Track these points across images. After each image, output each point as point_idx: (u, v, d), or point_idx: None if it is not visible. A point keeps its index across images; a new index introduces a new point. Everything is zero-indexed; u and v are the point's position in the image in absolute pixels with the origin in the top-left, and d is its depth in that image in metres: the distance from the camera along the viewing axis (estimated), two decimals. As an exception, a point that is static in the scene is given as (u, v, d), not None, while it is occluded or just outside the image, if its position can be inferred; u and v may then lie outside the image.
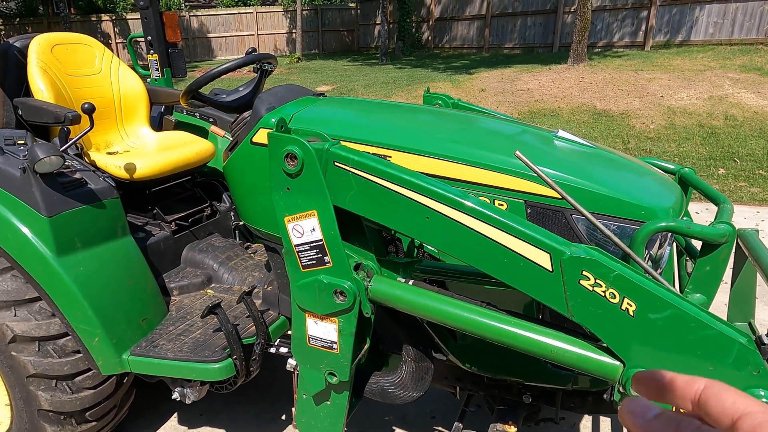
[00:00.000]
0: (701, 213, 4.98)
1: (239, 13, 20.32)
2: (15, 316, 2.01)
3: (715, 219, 1.48)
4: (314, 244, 1.46)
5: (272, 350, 2.18)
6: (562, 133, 1.81)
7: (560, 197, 1.52)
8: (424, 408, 2.70)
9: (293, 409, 1.85)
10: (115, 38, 19.47)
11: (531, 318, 1.41)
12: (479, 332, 1.38)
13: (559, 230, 1.53)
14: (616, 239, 1.29)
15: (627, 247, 1.29)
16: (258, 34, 20.36)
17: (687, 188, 1.84)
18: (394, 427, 2.60)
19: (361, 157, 1.39)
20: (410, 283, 1.53)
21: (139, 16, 3.22)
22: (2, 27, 19.60)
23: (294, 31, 19.92)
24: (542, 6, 15.31)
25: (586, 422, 2.57)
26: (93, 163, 2.41)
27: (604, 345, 1.29)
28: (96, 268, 2.02)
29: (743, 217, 5.05)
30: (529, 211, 1.56)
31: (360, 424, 2.60)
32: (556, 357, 1.30)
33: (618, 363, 1.26)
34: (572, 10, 13.97)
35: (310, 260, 1.49)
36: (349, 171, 1.39)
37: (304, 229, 1.46)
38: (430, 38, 18.58)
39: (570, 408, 1.90)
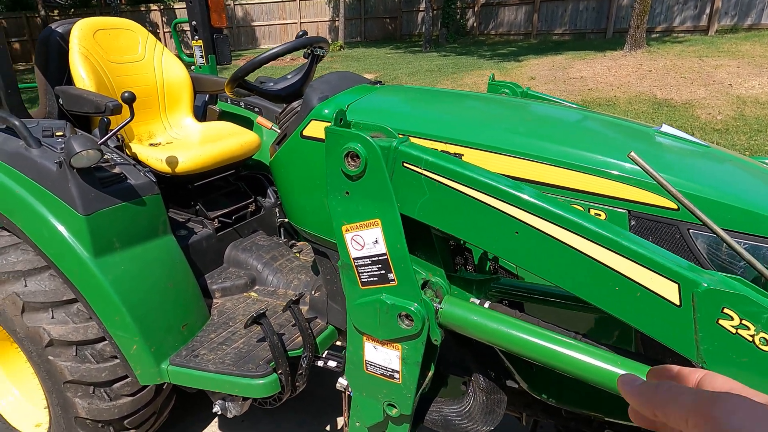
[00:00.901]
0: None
1: (282, 1, 20.29)
2: (52, 318, 1.90)
3: None
4: (377, 258, 1.25)
5: (320, 363, 1.99)
6: (666, 128, 1.52)
7: (675, 208, 1.25)
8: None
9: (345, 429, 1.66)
10: (163, 27, 19.89)
11: (639, 356, 1.16)
12: (576, 372, 1.13)
13: (671, 248, 1.26)
14: (760, 266, 1.02)
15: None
16: (301, 22, 20.32)
17: None
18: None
19: (436, 157, 1.16)
20: (487, 305, 1.30)
21: (185, 5, 3.07)
22: (58, 17, 20.29)
23: (337, 18, 19.75)
24: (596, -11, 14.54)
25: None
26: (134, 156, 2.28)
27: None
28: (135, 270, 1.88)
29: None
30: (633, 223, 1.30)
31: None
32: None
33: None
34: (629, -7, 13.19)
35: (371, 277, 1.28)
36: (422, 174, 1.16)
37: (365, 240, 1.25)
38: (475, 24, 18.02)
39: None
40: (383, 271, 1.25)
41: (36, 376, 2.01)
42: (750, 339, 0.94)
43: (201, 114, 2.98)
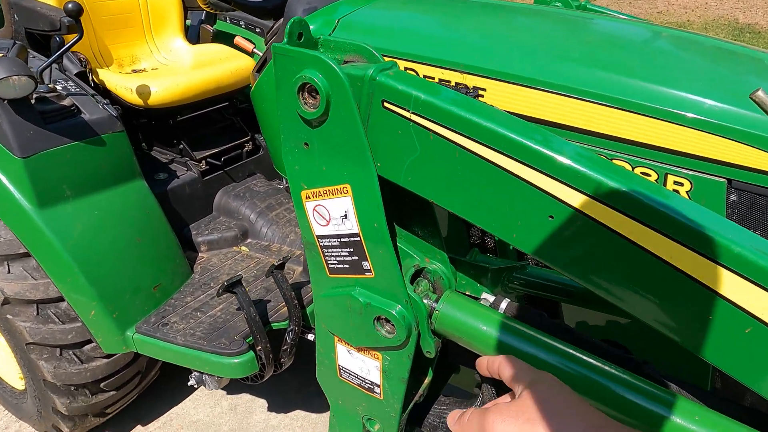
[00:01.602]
0: None
1: None
2: (8, 273, 1.66)
3: None
4: (347, 239, 0.88)
5: (310, 337, 1.70)
6: (793, 54, 1.03)
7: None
8: None
9: None
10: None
11: (714, 398, 0.77)
12: (627, 420, 0.76)
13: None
14: None
15: None
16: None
17: None
18: None
19: (435, 94, 0.75)
20: (504, 305, 0.92)
21: None
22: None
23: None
24: None
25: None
26: (102, 85, 1.93)
27: None
28: (92, 223, 1.59)
29: None
30: (733, 198, 0.87)
31: None
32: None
33: None
34: None
35: (340, 263, 0.91)
36: (411, 119, 0.76)
37: (331, 213, 0.87)
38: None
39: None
40: (356, 258, 0.89)
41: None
42: None
43: (196, 35, 2.58)
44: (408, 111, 0.75)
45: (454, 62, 1.03)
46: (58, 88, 1.61)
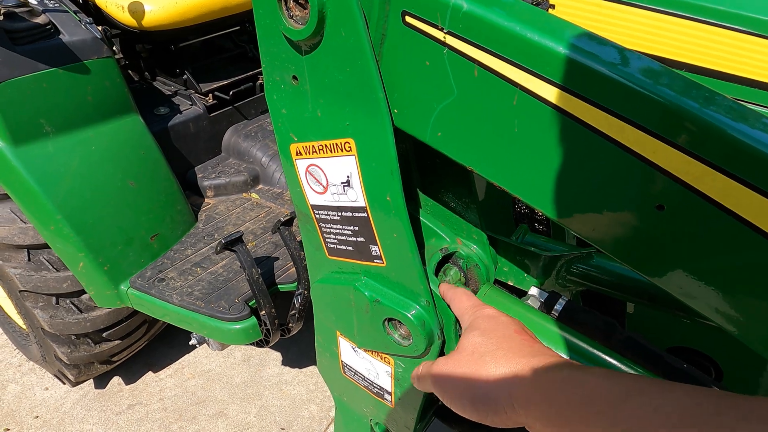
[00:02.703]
0: None
1: None
2: (-6, 214, 1.51)
3: None
4: (349, 213, 0.64)
5: (322, 301, 1.51)
6: None
7: None
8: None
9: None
10: None
11: None
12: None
13: None
14: None
15: None
16: None
17: None
18: None
19: (481, 1, 0.47)
20: (558, 309, 0.68)
21: None
22: None
23: None
24: None
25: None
26: (92, 3, 1.68)
27: None
28: (77, 164, 1.39)
29: None
30: None
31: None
32: None
33: None
34: None
35: (341, 243, 0.68)
36: (445, 43, 0.49)
37: (329, 177, 0.63)
38: None
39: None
40: (361, 239, 0.65)
41: (-2, 278, 1.71)
42: None
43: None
44: (442, 30, 0.49)
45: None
46: (32, 2, 1.36)
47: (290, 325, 1.46)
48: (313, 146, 0.63)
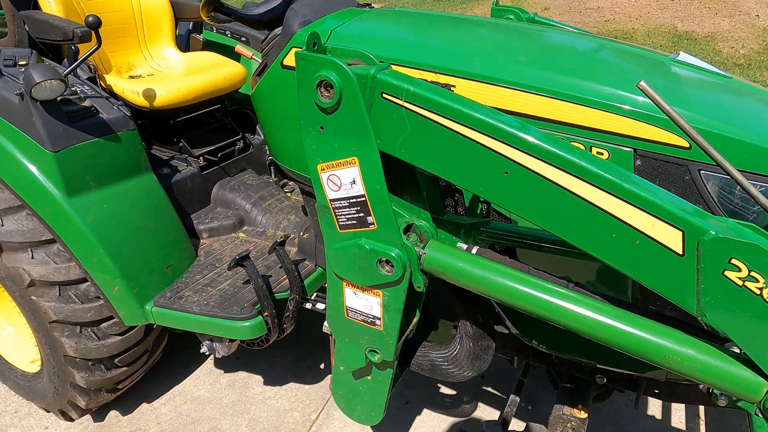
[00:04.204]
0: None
1: None
2: (32, 258, 1.84)
3: None
4: (355, 200, 1.15)
5: (308, 305, 1.95)
6: (683, 56, 1.36)
7: (686, 146, 1.12)
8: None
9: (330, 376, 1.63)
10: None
11: (636, 308, 1.08)
12: (572, 325, 1.06)
13: (678, 190, 1.15)
14: (777, 211, 0.91)
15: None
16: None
17: None
18: (441, 394, 2.40)
19: (420, 87, 1.03)
20: (474, 250, 1.21)
21: None
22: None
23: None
24: None
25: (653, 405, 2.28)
26: (109, 89, 2.14)
27: (740, 352, 0.96)
28: (112, 210, 1.79)
29: None
30: (638, 163, 1.18)
31: (404, 394, 2.39)
32: (671, 365, 0.97)
33: (762, 381, 0.92)
34: None
35: (349, 220, 1.18)
36: (403, 106, 1.04)
37: (342, 180, 1.14)
38: (487, -51, 16.87)
39: (654, 395, 1.60)
40: (362, 214, 1.16)
41: (23, 315, 1.99)
42: (758, 293, 0.85)
43: (184, 44, 2.79)
44: (401, 99, 1.03)
45: (429, 64, 1.32)
46: (78, 91, 1.81)
47: (285, 325, 1.88)
48: (332, 164, 1.14)
